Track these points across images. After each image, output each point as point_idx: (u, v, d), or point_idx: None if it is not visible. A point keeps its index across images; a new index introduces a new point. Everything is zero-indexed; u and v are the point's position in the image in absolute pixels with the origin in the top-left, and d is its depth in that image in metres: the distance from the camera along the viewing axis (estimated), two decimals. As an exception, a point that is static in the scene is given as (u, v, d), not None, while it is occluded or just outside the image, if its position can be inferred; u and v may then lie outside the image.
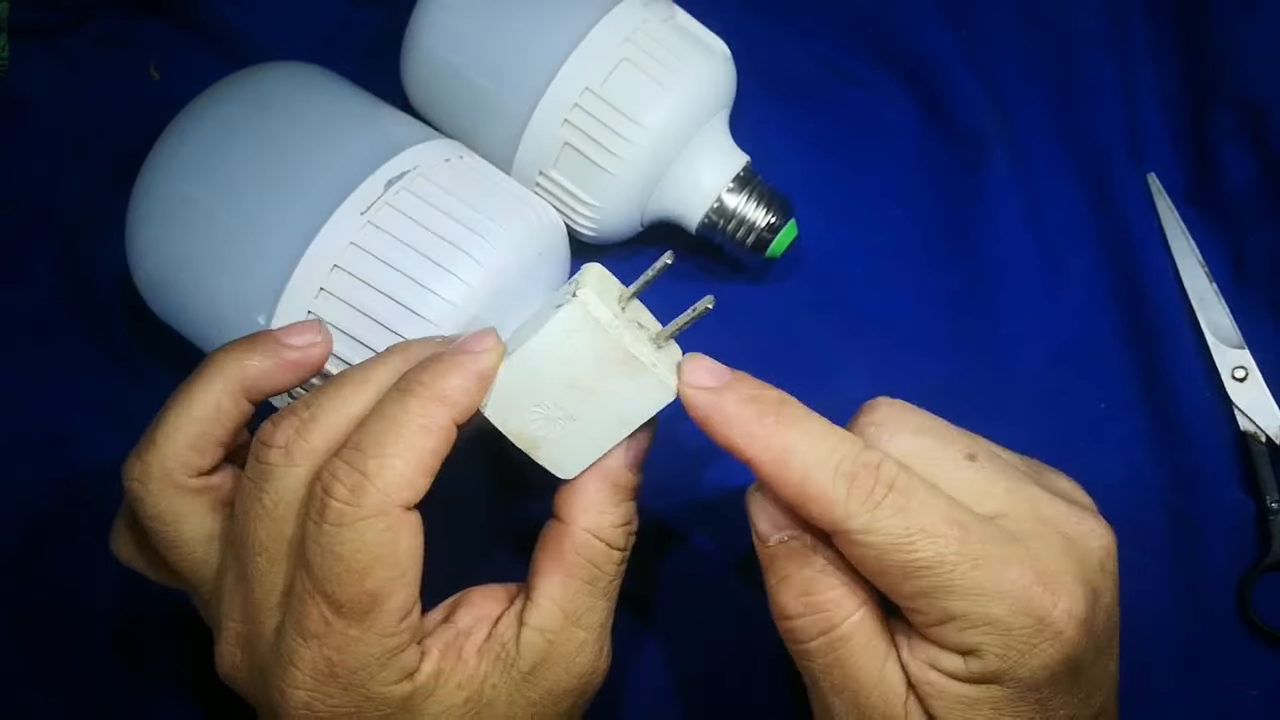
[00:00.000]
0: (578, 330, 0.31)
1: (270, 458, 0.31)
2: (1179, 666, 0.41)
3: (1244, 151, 0.46)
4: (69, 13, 0.49)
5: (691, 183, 0.43)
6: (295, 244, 0.36)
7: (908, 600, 0.29)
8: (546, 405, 0.32)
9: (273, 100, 0.39)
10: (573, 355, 0.31)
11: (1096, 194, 0.47)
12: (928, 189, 0.48)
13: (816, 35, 0.49)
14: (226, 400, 0.33)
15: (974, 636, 0.29)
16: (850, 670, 0.30)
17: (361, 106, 0.40)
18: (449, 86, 0.42)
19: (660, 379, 0.31)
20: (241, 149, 0.38)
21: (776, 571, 0.31)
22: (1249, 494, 0.43)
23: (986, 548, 0.28)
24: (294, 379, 0.33)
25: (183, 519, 0.32)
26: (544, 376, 0.32)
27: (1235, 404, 0.44)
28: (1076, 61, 0.48)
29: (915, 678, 0.30)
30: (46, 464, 0.44)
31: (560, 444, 0.33)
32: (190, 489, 0.32)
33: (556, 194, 0.42)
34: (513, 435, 0.33)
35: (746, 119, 0.47)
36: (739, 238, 0.43)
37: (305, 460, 0.30)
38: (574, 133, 0.41)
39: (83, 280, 0.46)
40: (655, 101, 0.40)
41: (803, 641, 0.31)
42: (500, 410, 0.32)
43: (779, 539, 0.31)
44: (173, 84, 0.40)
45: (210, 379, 0.33)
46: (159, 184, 0.39)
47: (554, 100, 0.40)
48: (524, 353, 0.31)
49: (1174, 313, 0.45)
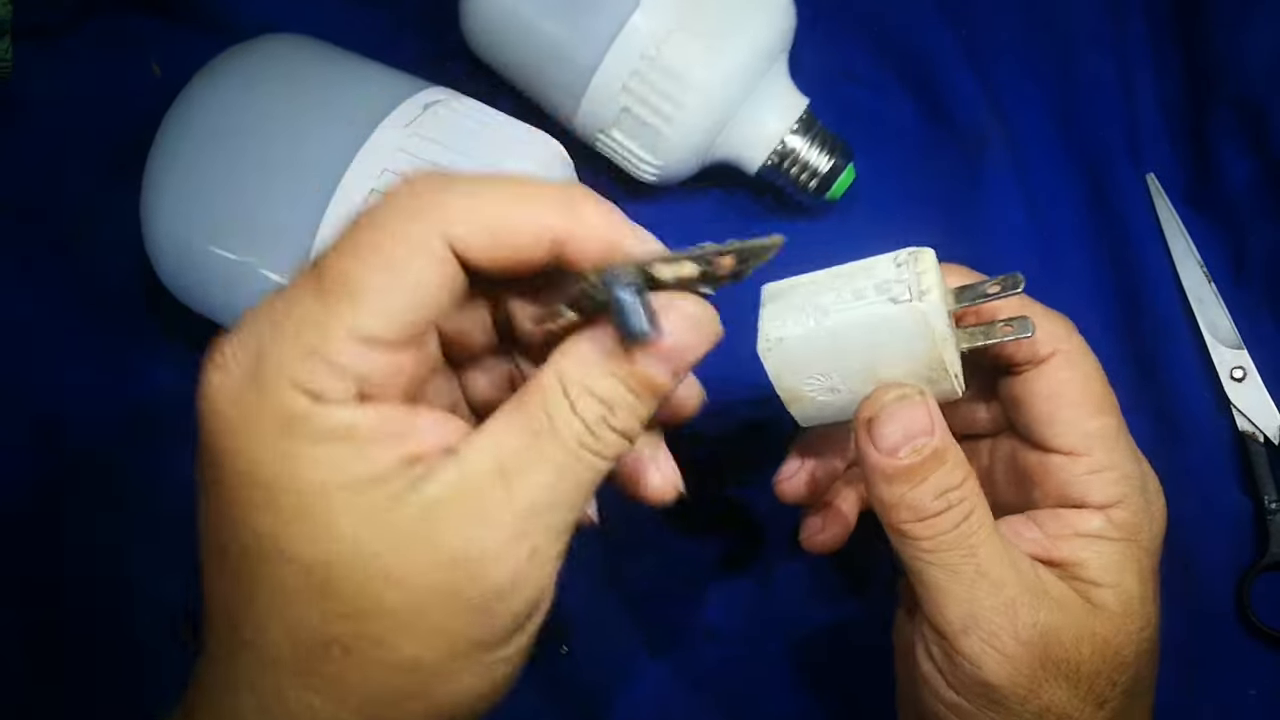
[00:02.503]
0: (907, 333, 0.30)
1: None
2: (1178, 666, 0.41)
3: (1243, 151, 0.46)
4: (69, 12, 0.49)
5: (755, 127, 0.43)
6: (338, 157, 0.36)
7: (1067, 448, 0.33)
8: (831, 377, 0.31)
9: (292, 55, 0.40)
10: (888, 349, 0.31)
11: (1096, 194, 0.47)
12: (928, 189, 0.48)
13: (817, 35, 0.49)
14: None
15: (1120, 487, 0.33)
16: (984, 548, 0.31)
17: (370, 63, 0.41)
18: (519, 26, 0.42)
19: (955, 387, 0.31)
20: (272, 90, 0.39)
21: (911, 477, 0.31)
22: (1247, 494, 0.43)
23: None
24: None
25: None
26: (844, 354, 0.31)
27: (1234, 404, 0.44)
28: (1076, 61, 0.49)
29: (1051, 553, 0.32)
30: (48, 457, 0.44)
31: (816, 403, 0.32)
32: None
33: (622, 138, 0.43)
34: (779, 386, 0.32)
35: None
36: (801, 180, 0.44)
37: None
38: (640, 84, 0.41)
39: (84, 278, 0.46)
40: (718, 58, 0.41)
41: (942, 533, 0.31)
42: (781, 365, 0.31)
43: (915, 447, 0.31)
44: (175, 81, 0.40)
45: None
46: (187, 128, 0.39)
47: (620, 52, 0.41)
48: (835, 327, 0.31)
49: (1173, 313, 0.45)
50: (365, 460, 0.25)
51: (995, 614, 0.30)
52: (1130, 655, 0.32)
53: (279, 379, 0.24)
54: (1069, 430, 0.33)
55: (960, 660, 0.31)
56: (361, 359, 0.25)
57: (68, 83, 0.49)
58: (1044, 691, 0.31)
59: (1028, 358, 0.34)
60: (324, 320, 0.24)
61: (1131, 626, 0.32)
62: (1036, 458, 0.34)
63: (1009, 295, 0.32)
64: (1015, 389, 0.34)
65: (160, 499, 0.43)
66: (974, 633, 0.30)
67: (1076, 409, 0.33)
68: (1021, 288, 0.32)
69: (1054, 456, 0.34)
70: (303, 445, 0.24)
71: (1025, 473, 0.34)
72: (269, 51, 0.40)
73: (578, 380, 0.26)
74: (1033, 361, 0.34)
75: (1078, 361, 0.34)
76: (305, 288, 0.25)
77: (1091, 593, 0.32)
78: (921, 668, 0.32)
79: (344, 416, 0.24)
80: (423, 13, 0.45)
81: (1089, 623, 0.31)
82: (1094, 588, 0.32)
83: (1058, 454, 0.34)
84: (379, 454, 0.25)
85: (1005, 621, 0.30)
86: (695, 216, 0.47)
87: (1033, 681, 0.30)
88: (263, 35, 0.42)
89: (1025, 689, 0.30)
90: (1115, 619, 0.32)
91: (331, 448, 0.24)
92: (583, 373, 0.26)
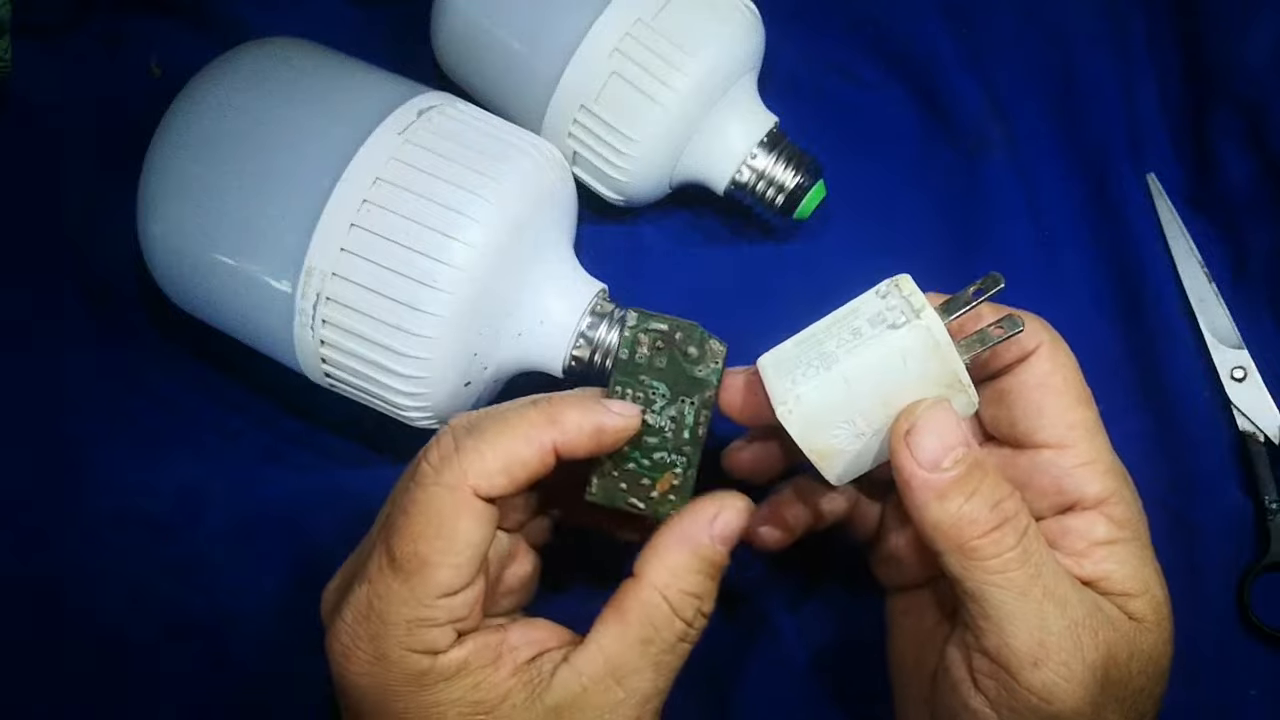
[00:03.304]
0: (916, 354, 0.30)
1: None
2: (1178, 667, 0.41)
3: (1244, 151, 0.46)
4: (69, 12, 0.49)
5: (721, 143, 0.43)
6: (333, 163, 0.36)
7: (1055, 441, 0.33)
8: (856, 423, 0.31)
9: (289, 57, 0.40)
10: (901, 376, 0.31)
11: (1096, 194, 0.47)
12: (928, 189, 0.48)
13: (818, 35, 0.49)
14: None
15: (1109, 479, 0.33)
16: (1046, 566, 0.31)
17: (366, 66, 0.41)
18: (483, 43, 0.42)
19: (971, 399, 0.31)
20: (269, 92, 0.39)
21: (963, 489, 0.30)
22: (1248, 494, 0.43)
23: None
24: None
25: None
26: (862, 395, 0.31)
27: (1234, 404, 0.44)
28: (1076, 61, 0.48)
29: (1076, 571, 0.32)
30: (49, 460, 0.44)
31: (851, 457, 0.32)
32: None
33: (590, 145, 0.42)
34: (808, 448, 0.32)
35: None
36: (768, 198, 0.43)
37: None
38: (597, 104, 0.41)
39: (84, 278, 0.46)
40: (691, 55, 0.40)
41: (1008, 548, 0.30)
42: (805, 425, 0.32)
43: (955, 457, 0.30)
44: (174, 81, 0.40)
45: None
46: (183, 132, 0.39)
47: (578, 68, 0.41)
48: (847, 371, 0.31)
49: (1173, 313, 0.45)
50: (485, 686, 0.31)
51: (1064, 637, 0.30)
52: (1165, 666, 0.32)
53: (401, 651, 0.31)
54: (1056, 421, 0.34)
55: (1025, 694, 0.30)
56: (448, 610, 0.31)
57: (68, 83, 0.49)
58: (1101, 717, 0.30)
59: (1017, 355, 0.34)
60: (412, 594, 0.31)
61: (1165, 636, 0.32)
62: (1026, 459, 0.34)
63: (994, 291, 0.32)
64: (1002, 385, 0.35)
65: (159, 500, 0.44)
66: (1044, 664, 0.30)
67: (1061, 398, 0.34)
68: (1002, 284, 0.32)
69: (1044, 453, 0.34)
70: (435, 692, 0.31)
71: (1016, 481, 0.34)
72: (266, 54, 0.40)
73: (675, 586, 0.32)
74: (1021, 358, 0.34)
75: (1059, 353, 0.34)
76: (383, 572, 0.31)
77: (1128, 605, 0.32)
78: (971, 704, 0.31)
79: (455, 657, 0.31)
80: (423, 15, 0.45)
81: (1136, 639, 0.31)
82: (1129, 599, 0.32)
83: (1046, 449, 0.34)
84: (494, 676, 0.31)
85: (1073, 645, 0.30)
86: (664, 237, 0.47)
87: (1094, 708, 0.30)
88: (261, 38, 0.42)
89: (1088, 717, 0.30)
90: (1153, 631, 0.32)
91: (456, 685, 0.31)
92: (681, 580, 0.32)
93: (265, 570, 0.43)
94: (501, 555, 0.36)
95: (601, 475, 0.34)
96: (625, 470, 0.34)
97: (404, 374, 0.36)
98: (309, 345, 0.37)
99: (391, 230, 0.35)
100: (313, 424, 0.44)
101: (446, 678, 0.31)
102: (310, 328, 0.37)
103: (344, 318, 0.36)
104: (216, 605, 0.42)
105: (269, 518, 0.43)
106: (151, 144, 0.39)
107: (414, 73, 0.41)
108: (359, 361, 0.37)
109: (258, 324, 0.39)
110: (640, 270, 0.46)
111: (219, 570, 0.43)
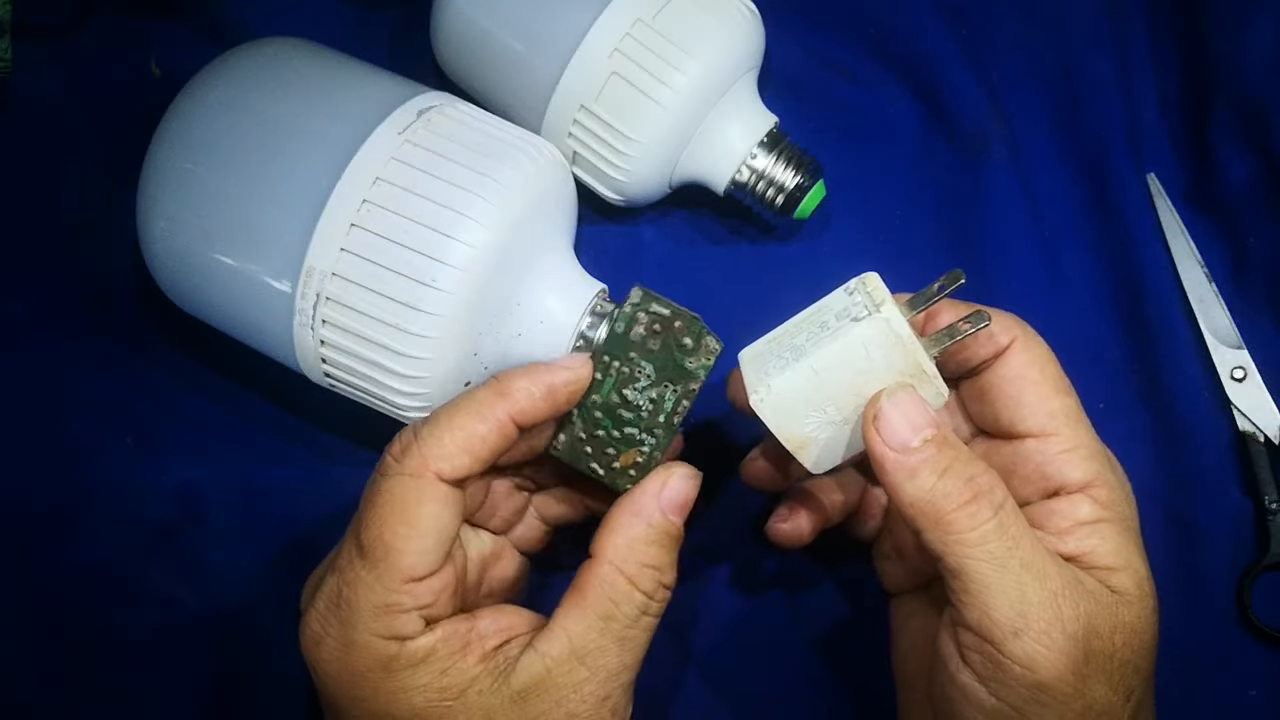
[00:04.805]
0: (878, 344, 0.32)
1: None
2: (1178, 666, 0.41)
3: (1244, 151, 0.46)
4: (69, 12, 0.49)
5: (721, 143, 0.43)
6: (333, 163, 0.36)
7: (1037, 429, 0.34)
8: (826, 410, 0.33)
9: (289, 57, 0.40)
10: (866, 366, 0.32)
11: (1096, 194, 0.47)
12: (928, 189, 0.48)
13: (818, 35, 0.49)
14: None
15: (1093, 464, 0.34)
16: (1024, 539, 0.31)
17: (367, 66, 0.41)
18: (483, 43, 0.42)
19: (939, 389, 0.33)
20: (269, 92, 0.39)
21: (935, 466, 0.31)
22: (1248, 494, 0.43)
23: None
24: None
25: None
26: (831, 384, 0.32)
27: (1234, 404, 0.44)
28: (1076, 61, 0.49)
29: (1059, 549, 0.33)
30: (48, 460, 0.44)
31: (825, 444, 0.34)
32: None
33: (590, 145, 0.42)
34: (783, 436, 0.33)
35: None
36: (768, 198, 0.43)
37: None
38: (596, 104, 0.41)
39: (84, 279, 0.46)
40: (691, 55, 0.40)
41: (984, 520, 0.31)
42: (778, 413, 0.33)
43: (924, 437, 0.31)
44: (174, 81, 0.40)
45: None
46: (183, 132, 0.39)
47: (578, 69, 0.41)
48: (815, 362, 0.32)
49: (1173, 313, 0.45)
50: (453, 672, 0.32)
51: (1043, 607, 0.30)
52: (1150, 641, 0.32)
53: (368, 637, 0.31)
54: (1036, 410, 0.34)
55: (1009, 664, 0.30)
56: (415, 596, 0.32)
57: (68, 83, 0.49)
58: (1088, 689, 0.30)
59: (991, 352, 0.35)
60: (379, 581, 0.31)
61: (1148, 610, 0.32)
62: (1010, 449, 0.35)
63: (954, 287, 0.33)
64: (982, 381, 0.36)
65: (158, 500, 0.44)
66: (1025, 634, 0.30)
67: (1039, 388, 0.35)
68: (962, 280, 0.33)
69: (1027, 442, 0.34)
70: (402, 678, 0.31)
71: (1003, 470, 0.34)
72: (266, 54, 0.40)
73: (633, 560, 0.33)
74: (995, 354, 0.35)
75: (1033, 345, 0.35)
76: (352, 561, 0.32)
77: (1110, 579, 0.32)
78: (959, 680, 0.31)
79: (423, 644, 0.32)
80: (423, 15, 0.45)
81: (1118, 611, 0.31)
82: (1110, 573, 0.32)
83: (1030, 438, 0.34)
84: (461, 663, 0.32)
85: (1053, 615, 0.30)
86: (663, 237, 0.47)
87: (1079, 679, 0.30)
88: (261, 38, 0.42)
89: (1073, 686, 0.30)
90: (1136, 604, 0.32)
91: (423, 671, 0.32)
92: (636, 553, 0.33)
93: (265, 570, 0.43)
94: (484, 555, 0.37)
95: (570, 433, 0.35)
96: (595, 435, 0.35)
97: (404, 374, 0.36)
98: (309, 345, 0.37)
99: (391, 230, 0.35)
100: (313, 424, 0.44)
101: (413, 664, 0.32)
102: (310, 328, 0.37)
103: (344, 318, 0.36)
104: (217, 605, 0.42)
105: (269, 517, 0.43)
106: (151, 144, 0.39)
107: (414, 73, 0.41)
108: (359, 361, 0.37)
109: (258, 324, 0.39)
110: (640, 270, 0.46)
111: (219, 570, 0.43)
